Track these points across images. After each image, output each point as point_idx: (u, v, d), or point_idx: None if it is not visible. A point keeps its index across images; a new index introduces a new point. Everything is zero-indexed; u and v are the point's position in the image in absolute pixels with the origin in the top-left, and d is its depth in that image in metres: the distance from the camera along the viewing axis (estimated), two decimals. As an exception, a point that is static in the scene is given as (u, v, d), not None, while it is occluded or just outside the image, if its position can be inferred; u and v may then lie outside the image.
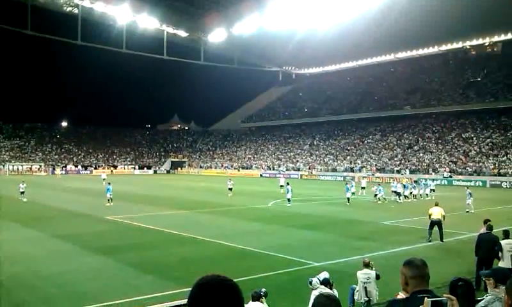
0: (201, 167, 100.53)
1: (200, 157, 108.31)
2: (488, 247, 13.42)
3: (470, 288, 4.47)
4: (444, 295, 2.71)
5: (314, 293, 9.74)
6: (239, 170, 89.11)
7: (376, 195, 36.68)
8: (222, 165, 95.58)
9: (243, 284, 12.81)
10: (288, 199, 34.52)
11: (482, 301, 4.64)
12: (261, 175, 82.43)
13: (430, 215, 20.53)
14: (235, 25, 78.84)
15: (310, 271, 13.59)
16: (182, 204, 34.99)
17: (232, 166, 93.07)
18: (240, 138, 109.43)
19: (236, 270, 15.00)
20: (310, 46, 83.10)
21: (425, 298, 2.79)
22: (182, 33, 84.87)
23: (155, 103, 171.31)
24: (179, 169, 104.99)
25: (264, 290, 9.22)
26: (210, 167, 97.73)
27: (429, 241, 20.05)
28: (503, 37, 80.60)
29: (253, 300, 8.53)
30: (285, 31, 76.94)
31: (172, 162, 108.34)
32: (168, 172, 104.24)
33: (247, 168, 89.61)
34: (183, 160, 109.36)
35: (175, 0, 71.40)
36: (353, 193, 36.56)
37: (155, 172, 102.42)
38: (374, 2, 66.82)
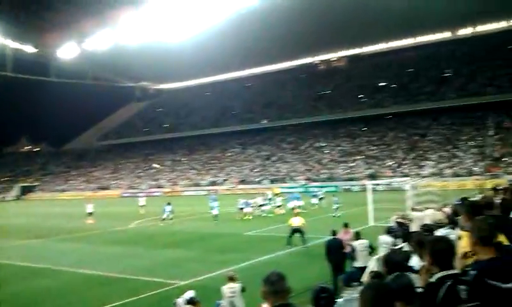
0: (55, 191, 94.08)
1: (53, 179, 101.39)
2: (336, 251, 14.19)
3: (332, 296, 4.57)
4: None
5: (180, 315, 9.48)
6: (96, 191, 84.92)
7: (241, 208, 34.35)
8: (78, 188, 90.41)
9: (104, 313, 12.04)
10: (164, 219, 33.72)
11: (337, 304, 4.76)
12: (121, 195, 79.50)
13: (290, 225, 21.38)
14: (87, 41, 75.73)
15: (176, 291, 13.25)
16: (35, 232, 32.27)
17: (88, 188, 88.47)
18: (97, 157, 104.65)
19: (96, 298, 14.21)
20: (166, 61, 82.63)
21: None
22: (30, 48, 79.24)
23: (0, 125, 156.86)
24: (30, 194, 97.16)
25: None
26: (65, 191, 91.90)
27: (289, 245, 20.80)
28: (347, 52, 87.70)
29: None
30: (141, 46, 75.68)
31: (22, 187, 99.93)
32: (18, 198, 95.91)
33: (105, 189, 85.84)
34: (34, 184, 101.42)
35: (21, 12, 66.42)
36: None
37: (3, 198, 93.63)
38: (226, 19, 68.65)
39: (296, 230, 21.11)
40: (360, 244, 14.30)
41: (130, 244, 25.23)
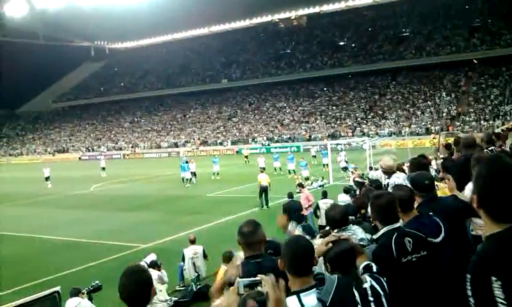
0: (10, 155, 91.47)
1: (8, 143, 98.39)
2: (294, 214, 14.36)
3: (277, 250, 4.65)
4: (258, 275, 2.77)
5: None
6: (54, 155, 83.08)
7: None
8: (35, 151, 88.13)
9: (68, 277, 12.06)
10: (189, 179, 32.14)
11: None
12: (80, 158, 78.06)
13: (259, 183, 21.49)
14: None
15: (138, 254, 13.30)
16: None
17: (46, 151, 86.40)
18: (54, 119, 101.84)
19: (59, 263, 14.16)
20: (122, 19, 79.88)
21: (237, 279, 2.88)
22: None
23: None
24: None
25: (96, 283, 8.60)
26: (22, 154, 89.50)
27: (262, 207, 20.88)
28: (307, 10, 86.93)
29: (71, 296, 7.92)
30: (96, 4, 73.12)
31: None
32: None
33: (63, 152, 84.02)
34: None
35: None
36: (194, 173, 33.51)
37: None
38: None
39: (264, 189, 21.22)
40: (324, 203, 14.63)
41: (91, 208, 24.94)
